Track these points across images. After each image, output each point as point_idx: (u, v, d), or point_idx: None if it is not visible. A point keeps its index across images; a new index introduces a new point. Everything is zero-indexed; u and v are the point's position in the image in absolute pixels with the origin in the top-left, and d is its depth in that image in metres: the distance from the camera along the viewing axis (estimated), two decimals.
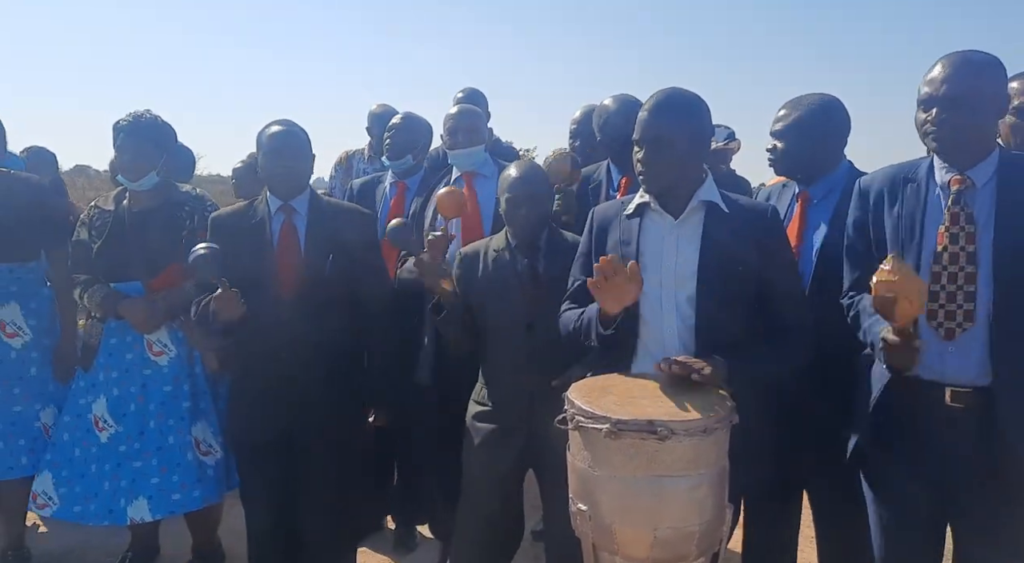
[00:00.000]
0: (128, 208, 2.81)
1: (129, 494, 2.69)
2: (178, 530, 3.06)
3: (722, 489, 1.74)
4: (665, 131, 1.96)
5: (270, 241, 2.52)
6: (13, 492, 3.02)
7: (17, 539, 3.07)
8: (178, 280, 2.74)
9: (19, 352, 2.90)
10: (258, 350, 2.51)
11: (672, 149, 1.96)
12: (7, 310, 2.90)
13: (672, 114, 1.98)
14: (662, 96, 2.02)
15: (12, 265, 2.90)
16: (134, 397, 2.74)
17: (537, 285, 2.37)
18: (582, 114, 3.38)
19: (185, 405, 2.77)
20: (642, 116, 2.01)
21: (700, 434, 1.65)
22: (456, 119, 2.99)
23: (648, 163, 1.99)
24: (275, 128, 2.54)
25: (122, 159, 2.75)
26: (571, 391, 1.83)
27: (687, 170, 2.02)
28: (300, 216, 2.56)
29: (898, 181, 1.97)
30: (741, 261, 1.99)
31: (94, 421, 2.76)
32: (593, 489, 1.71)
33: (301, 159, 2.56)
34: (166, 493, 2.72)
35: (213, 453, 2.81)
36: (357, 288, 2.55)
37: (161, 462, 2.72)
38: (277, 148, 2.51)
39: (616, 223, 2.13)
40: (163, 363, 2.78)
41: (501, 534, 2.47)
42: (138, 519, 2.71)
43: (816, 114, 2.34)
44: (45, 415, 2.95)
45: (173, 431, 2.75)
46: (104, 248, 2.77)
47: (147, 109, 2.80)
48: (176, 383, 2.78)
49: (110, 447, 2.73)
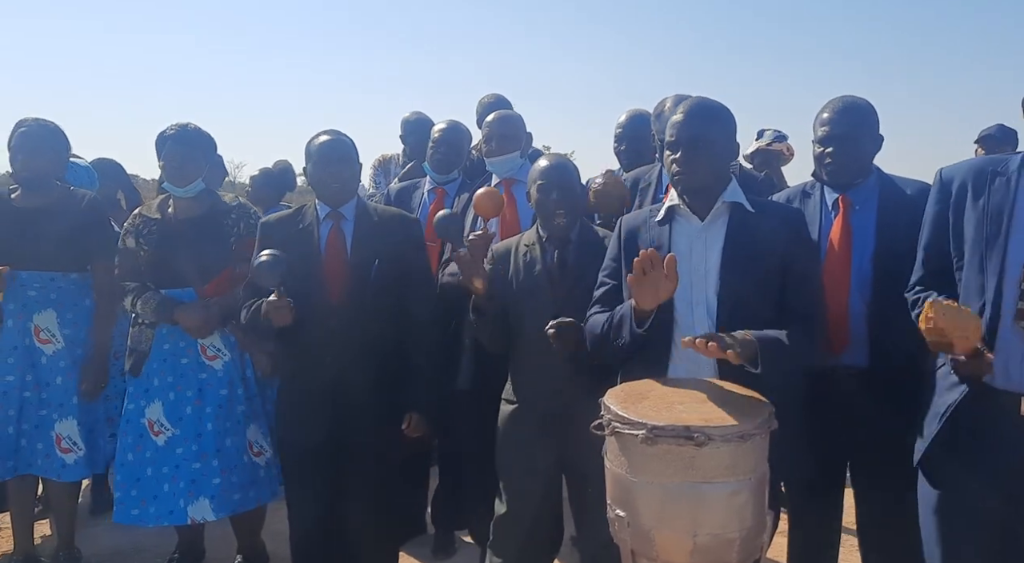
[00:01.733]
0: (174, 216, 2.88)
1: (188, 495, 2.76)
2: (223, 533, 3.12)
3: (762, 495, 1.72)
4: (702, 132, 2.03)
5: (318, 247, 2.58)
6: (59, 494, 3.11)
7: (68, 540, 3.16)
8: (229, 286, 2.81)
9: (49, 358, 2.98)
10: (306, 355, 2.56)
11: (709, 150, 2.03)
12: (44, 316, 2.97)
13: (707, 117, 2.06)
14: (695, 101, 2.10)
15: (55, 274, 2.98)
16: (191, 401, 2.81)
17: (566, 277, 2.38)
18: (628, 118, 3.36)
19: (240, 408, 2.85)
20: (677, 119, 2.06)
21: (738, 440, 1.63)
22: (492, 126, 3.01)
23: (685, 162, 2.03)
24: (324, 137, 2.60)
25: (169, 167, 2.83)
26: (607, 397, 1.83)
27: (719, 171, 2.07)
28: (347, 222, 2.61)
29: (985, 174, 1.92)
30: (764, 261, 2.01)
31: (148, 425, 2.82)
32: (631, 495, 1.70)
33: (349, 167, 2.63)
34: (228, 493, 2.79)
35: (264, 454, 2.88)
36: (403, 293, 2.58)
37: (221, 464, 2.79)
38: (326, 157, 2.57)
39: (646, 230, 2.15)
40: (218, 367, 2.84)
41: (538, 536, 2.47)
42: (199, 519, 2.78)
43: (865, 117, 2.36)
44: (60, 426, 2.96)
45: (230, 433, 2.82)
46: (155, 255, 2.84)
47: (190, 121, 2.90)
48: (231, 387, 2.84)
49: (167, 450, 2.80)
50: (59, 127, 3.06)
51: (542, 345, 2.31)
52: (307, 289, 2.49)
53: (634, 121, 3.31)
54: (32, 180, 2.97)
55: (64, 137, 3.08)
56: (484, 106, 3.66)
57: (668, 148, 2.08)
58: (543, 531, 2.49)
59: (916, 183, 2.37)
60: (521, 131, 3.07)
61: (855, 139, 2.34)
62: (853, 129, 2.34)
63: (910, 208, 2.26)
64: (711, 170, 2.04)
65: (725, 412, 1.69)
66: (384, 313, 2.55)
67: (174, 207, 2.91)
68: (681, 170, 2.04)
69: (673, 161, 2.06)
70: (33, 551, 3.14)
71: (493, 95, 3.87)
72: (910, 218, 2.22)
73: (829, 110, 2.38)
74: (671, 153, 2.06)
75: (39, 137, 2.98)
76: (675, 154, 2.05)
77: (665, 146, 2.10)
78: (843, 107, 2.37)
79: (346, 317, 2.50)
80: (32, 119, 3.01)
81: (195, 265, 2.81)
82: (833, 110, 2.38)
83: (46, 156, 2.97)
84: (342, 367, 2.51)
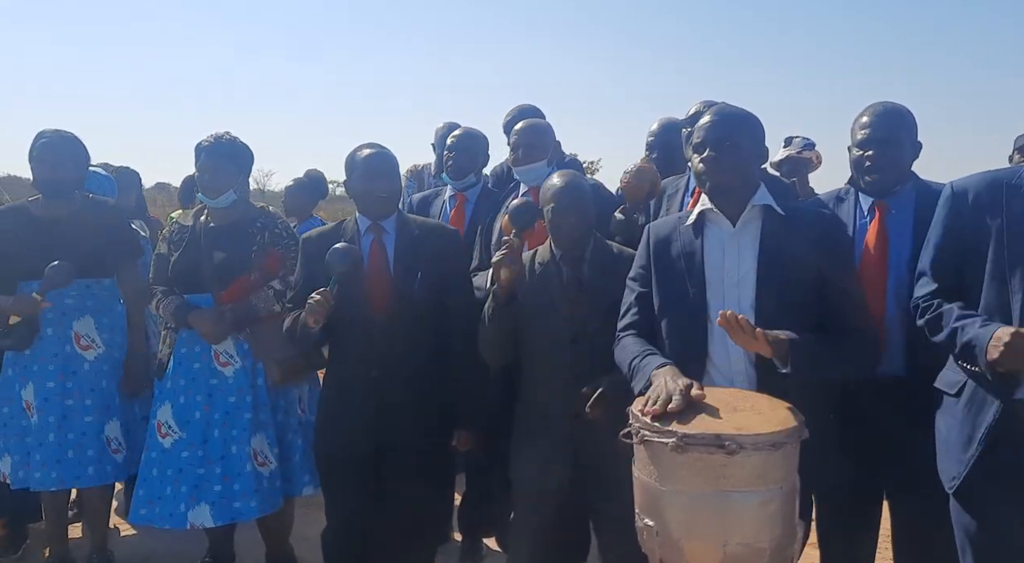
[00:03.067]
0: (205, 224, 2.92)
1: (190, 500, 2.77)
2: (252, 538, 3.15)
3: (793, 505, 1.71)
4: (731, 133, 2.03)
5: (360, 261, 2.55)
6: (95, 499, 3.16)
7: (101, 544, 3.20)
8: (246, 293, 2.83)
9: (92, 364, 3.02)
10: (349, 368, 2.57)
11: (735, 151, 2.02)
12: (82, 323, 3.02)
13: (736, 120, 2.07)
14: (723, 105, 2.12)
15: (89, 281, 3.03)
16: (200, 405, 2.83)
17: (581, 296, 2.36)
18: (660, 126, 3.35)
19: (247, 416, 2.83)
20: (704, 121, 2.07)
21: (769, 449, 1.62)
22: (519, 135, 3.02)
23: (711, 161, 2.02)
24: (367, 151, 2.58)
25: (202, 178, 2.87)
26: (636, 405, 1.82)
27: (746, 174, 2.05)
28: (389, 235, 2.60)
29: (1000, 186, 1.88)
30: (801, 265, 1.98)
31: (157, 426, 2.86)
32: (660, 504, 1.69)
33: (392, 182, 2.62)
34: (228, 501, 2.79)
35: (268, 465, 2.86)
36: (445, 305, 2.57)
37: (224, 471, 2.79)
38: (371, 171, 2.55)
39: (676, 236, 2.13)
40: (229, 374, 2.85)
41: (559, 545, 2.45)
42: (199, 524, 2.79)
43: (905, 122, 2.35)
44: (109, 428, 3.03)
45: (236, 441, 2.82)
46: (179, 261, 2.89)
47: (227, 131, 2.92)
48: (240, 394, 2.85)
49: (172, 453, 2.82)
50: (78, 137, 3.10)
51: (557, 366, 2.30)
52: (350, 303, 2.47)
53: (666, 129, 3.30)
54: (53, 189, 3.01)
55: (83, 147, 3.11)
56: (513, 115, 3.67)
57: (695, 150, 2.08)
58: (564, 540, 2.47)
59: None
60: (549, 140, 3.06)
61: (897, 143, 2.32)
62: (894, 133, 2.32)
63: None
64: (737, 171, 2.03)
65: (756, 421, 1.68)
66: (427, 325, 2.54)
67: (207, 216, 2.95)
68: (706, 169, 2.03)
69: (700, 161, 2.05)
70: (68, 555, 3.18)
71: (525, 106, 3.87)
72: None
73: (869, 114, 2.36)
74: (697, 154, 2.07)
75: (59, 147, 3.01)
76: (701, 154, 2.05)
77: (692, 149, 2.10)
78: (884, 111, 2.36)
79: (389, 330, 2.49)
80: (52, 130, 3.05)
81: (214, 271, 2.84)
82: (874, 114, 2.36)
83: (66, 165, 3.01)
84: (386, 380, 2.51)
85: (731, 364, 1.99)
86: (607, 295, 2.30)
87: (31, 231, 3.00)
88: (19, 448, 2.99)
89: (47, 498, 3.10)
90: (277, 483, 2.88)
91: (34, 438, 2.96)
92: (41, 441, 2.95)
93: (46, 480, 2.94)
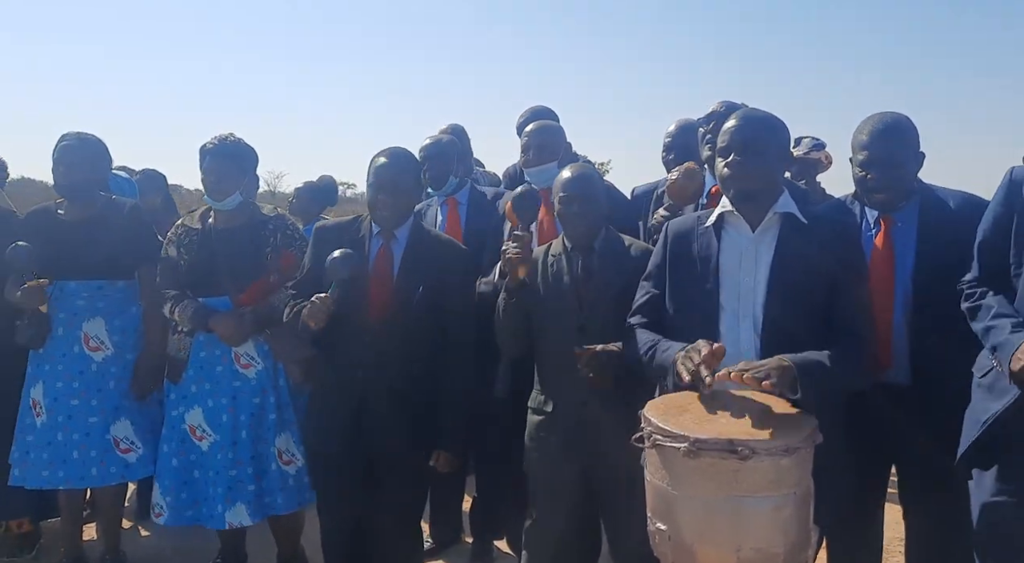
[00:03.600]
0: (214, 226, 2.93)
1: (226, 501, 2.81)
2: (263, 538, 3.16)
3: (807, 510, 1.70)
4: (757, 137, 2.01)
5: (365, 262, 2.57)
6: (106, 499, 3.17)
7: (114, 543, 3.22)
8: (263, 295, 2.85)
9: (99, 365, 3.03)
10: (337, 368, 2.57)
11: (761, 156, 2.00)
12: (93, 324, 3.04)
13: (762, 124, 2.04)
14: (749, 110, 2.10)
15: (102, 282, 3.05)
16: (225, 408, 2.85)
17: (592, 286, 2.37)
18: (677, 128, 3.34)
19: (271, 416, 2.87)
20: (730, 125, 2.04)
21: (782, 454, 1.61)
22: (531, 136, 3.02)
23: (737, 166, 1.99)
24: (382, 160, 2.56)
25: (208, 180, 2.87)
26: (647, 409, 1.82)
27: (771, 180, 2.03)
28: (398, 243, 2.59)
29: None
30: (815, 272, 1.96)
31: (190, 430, 2.88)
32: (673, 509, 1.68)
33: (404, 195, 2.57)
34: (260, 499, 2.84)
35: (295, 462, 2.90)
36: (442, 321, 2.57)
37: (256, 470, 2.84)
38: (379, 184, 2.54)
39: (694, 237, 2.11)
40: (251, 375, 2.88)
41: (571, 546, 2.46)
42: (236, 523, 2.83)
43: (906, 137, 2.29)
44: (115, 429, 3.04)
45: (262, 441, 2.86)
46: (193, 264, 2.90)
47: (231, 132, 2.92)
48: (263, 395, 2.87)
49: (210, 454, 2.86)
50: (100, 140, 3.12)
51: (568, 354, 2.31)
52: (348, 304, 2.48)
53: (683, 130, 3.29)
54: (74, 191, 3.04)
55: (105, 149, 3.14)
56: (526, 116, 3.67)
57: (720, 154, 2.05)
58: (576, 541, 2.48)
59: (960, 194, 2.31)
60: (559, 141, 3.06)
61: (897, 163, 2.26)
62: (894, 154, 2.25)
63: (953, 221, 2.21)
64: (762, 177, 2.00)
65: (769, 426, 1.67)
66: (419, 336, 2.54)
67: (214, 218, 2.96)
68: (732, 174, 2.00)
69: (725, 165, 2.02)
70: (82, 555, 3.21)
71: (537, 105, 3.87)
72: (953, 231, 2.18)
73: (867, 133, 2.29)
74: (722, 158, 2.03)
75: (80, 149, 3.04)
76: (726, 159, 2.02)
77: (717, 153, 2.07)
78: (882, 129, 2.28)
79: (382, 337, 2.50)
80: (74, 133, 3.08)
81: (231, 274, 2.85)
82: (872, 133, 2.28)
83: (86, 168, 3.04)
84: (371, 385, 2.52)
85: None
86: (615, 284, 2.33)
87: (54, 232, 3.03)
88: (22, 445, 3.01)
89: (63, 497, 3.12)
90: (304, 480, 2.90)
91: (40, 437, 2.98)
92: (50, 440, 2.97)
93: (54, 479, 2.97)
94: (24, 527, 3.30)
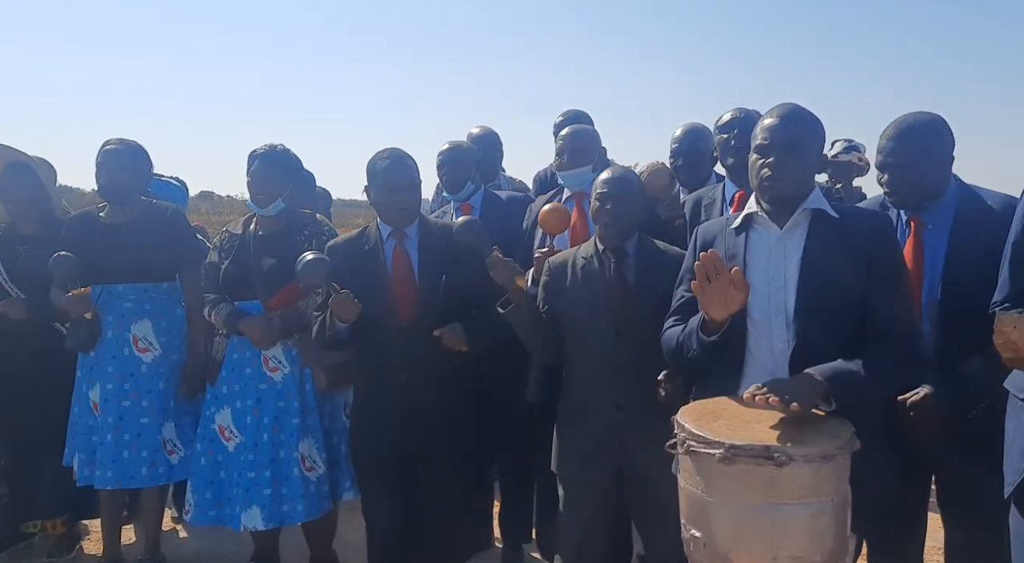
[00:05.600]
0: (254, 232, 2.99)
1: (243, 502, 2.84)
2: (296, 542, 3.19)
3: (845, 518, 1.67)
4: (799, 136, 1.96)
5: (384, 266, 2.63)
6: (151, 500, 3.23)
7: (153, 545, 3.27)
8: (294, 299, 2.89)
9: (149, 366, 3.10)
10: (378, 373, 2.61)
11: (804, 155, 1.96)
12: (141, 326, 3.11)
13: (804, 122, 1.99)
14: (790, 106, 2.01)
15: (148, 285, 3.13)
16: (250, 410, 2.89)
17: (626, 291, 2.36)
18: (683, 133, 3.31)
19: (295, 421, 2.89)
20: (771, 123, 1.98)
21: (820, 460, 1.59)
22: (565, 140, 3.02)
23: (779, 167, 1.94)
24: (387, 161, 2.63)
25: (253, 185, 2.94)
26: (680, 414, 1.80)
27: (807, 180, 2.00)
28: (411, 240, 2.66)
29: None
30: (847, 265, 1.91)
31: (219, 430, 2.94)
32: (707, 515, 1.67)
33: (413, 193, 2.65)
34: (277, 504, 2.85)
35: (316, 469, 2.91)
36: (472, 307, 2.59)
37: (274, 475, 2.85)
38: (391, 184, 2.60)
39: (721, 239, 2.09)
40: (278, 379, 2.91)
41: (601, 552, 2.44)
42: (251, 527, 2.85)
43: (925, 139, 2.24)
44: (165, 429, 3.11)
45: (284, 445, 2.88)
46: (229, 269, 2.96)
47: (280, 142, 3.00)
48: (288, 399, 2.90)
49: (235, 455, 2.90)
50: (141, 146, 3.20)
51: (602, 360, 2.30)
52: (376, 309, 2.52)
53: (690, 136, 3.27)
54: (116, 195, 3.12)
55: (146, 155, 3.22)
56: (560, 120, 3.68)
57: (757, 152, 1.98)
58: (607, 546, 2.47)
59: (1003, 196, 2.24)
60: (594, 145, 3.06)
61: (912, 166, 2.22)
62: (910, 156, 2.22)
63: (992, 223, 2.13)
64: (801, 177, 1.96)
65: (805, 431, 1.65)
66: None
67: (256, 224, 3.02)
68: (773, 175, 1.94)
69: (764, 165, 1.96)
70: (120, 556, 3.26)
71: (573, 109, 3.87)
72: (991, 233, 2.08)
73: (886, 136, 2.27)
74: (761, 157, 1.97)
75: (122, 155, 3.12)
76: (766, 158, 1.95)
77: (755, 151, 2.00)
78: (899, 133, 2.25)
79: (418, 335, 2.54)
80: (116, 139, 3.16)
81: (263, 278, 2.89)
82: (888, 137, 2.26)
83: (128, 172, 3.11)
84: (415, 383, 2.56)
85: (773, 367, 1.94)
86: (653, 290, 2.32)
87: (97, 236, 3.11)
88: (86, 446, 3.09)
89: (104, 498, 3.18)
90: (325, 487, 2.92)
91: (99, 437, 3.06)
92: (101, 441, 3.05)
93: (103, 479, 3.04)
94: (59, 528, 3.35)
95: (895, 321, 1.91)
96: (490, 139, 3.91)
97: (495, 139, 3.95)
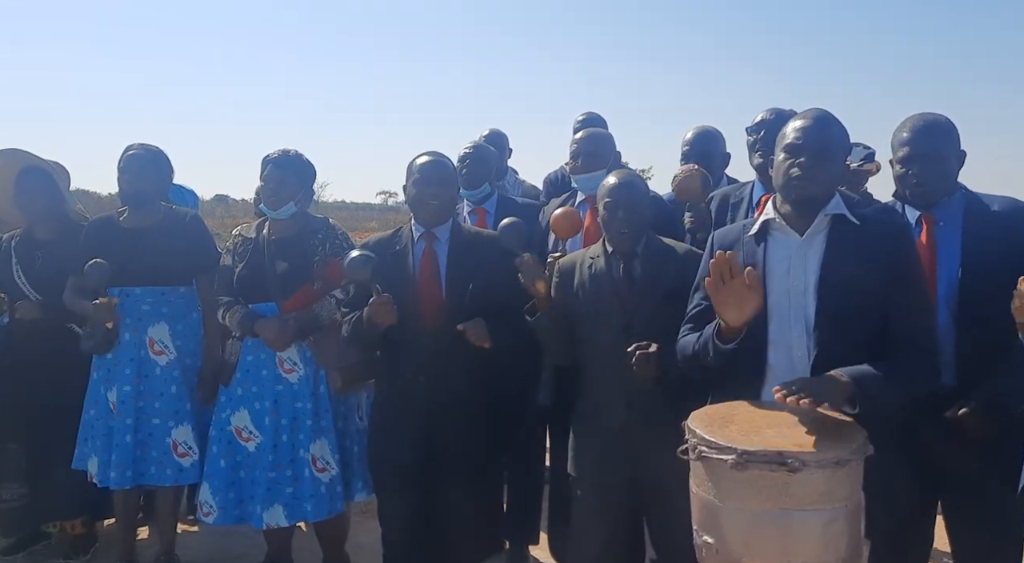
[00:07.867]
0: (267, 236, 3.01)
1: (265, 501, 2.87)
2: (308, 544, 3.21)
3: (858, 523, 1.66)
4: (831, 142, 1.96)
5: (412, 269, 2.64)
6: (165, 501, 3.25)
7: (168, 546, 3.28)
8: (309, 302, 2.90)
9: (163, 369, 3.13)
10: (400, 376, 2.63)
11: (833, 159, 1.96)
12: (157, 329, 3.14)
13: (835, 129, 1.99)
14: (823, 111, 2.02)
15: (165, 289, 3.15)
16: (268, 411, 2.91)
17: (634, 290, 2.38)
18: (694, 135, 3.30)
19: (308, 422, 2.91)
20: (805, 124, 1.98)
21: (833, 466, 1.58)
22: (580, 144, 3.03)
23: (809, 168, 1.93)
24: (426, 158, 2.68)
25: (266, 188, 2.96)
26: (691, 420, 1.80)
27: (833, 184, 2.00)
28: (441, 243, 2.68)
29: None
30: (867, 270, 1.91)
31: (236, 432, 2.96)
32: (719, 521, 1.66)
33: (448, 189, 2.69)
34: (299, 502, 2.89)
35: (328, 470, 2.92)
36: (496, 313, 2.57)
37: (293, 473, 2.89)
38: (427, 177, 2.64)
39: (739, 245, 2.08)
40: (293, 380, 2.93)
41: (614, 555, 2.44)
42: (274, 524, 2.89)
43: (947, 134, 2.26)
44: (176, 432, 3.11)
45: (300, 446, 2.91)
46: (244, 272, 2.98)
47: (295, 148, 3.02)
48: (303, 400, 2.92)
49: (256, 455, 2.93)
50: (163, 151, 3.23)
51: (612, 358, 2.30)
52: (401, 311, 2.53)
53: (700, 138, 3.27)
54: (137, 199, 3.15)
55: (167, 161, 3.25)
56: (576, 123, 3.70)
57: (787, 151, 1.97)
58: (620, 550, 2.46)
59: (1003, 199, 2.27)
60: (609, 149, 3.06)
61: (940, 157, 2.24)
62: (936, 147, 2.24)
63: (996, 223, 2.18)
64: (829, 181, 1.96)
65: (818, 437, 1.64)
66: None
67: (269, 227, 3.04)
68: (803, 175, 1.93)
69: (793, 166, 1.95)
70: (135, 557, 3.28)
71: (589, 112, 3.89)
72: (996, 233, 2.15)
73: (908, 129, 2.28)
74: (790, 157, 1.96)
75: (144, 160, 3.16)
76: (796, 159, 1.95)
77: (782, 149, 1.99)
78: (924, 125, 2.27)
79: (441, 340, 2.55)
80: (139, 144, 3.20)
81: (278, 281, 2.91)
82: (913, 129, 2.27)
83: (150, 177, 3.15)
84: (435, 386, 2.57)
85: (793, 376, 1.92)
86: (659, 288, 2.34)
87: (117, 240, 3.14)
88: (105, 448, 3.11)
89: (119, 498, 3.21)
90: (337, 489, 2.94)
91: (117, 438, 3.08)
92: (119, 442, 3.07)
93: (122, 479, 3.06)
94: (77, 529, 3.38)
95: (914, 331, 1.92)
96: (497, 139, 4.08)
97: (502, 139, 4.14)
